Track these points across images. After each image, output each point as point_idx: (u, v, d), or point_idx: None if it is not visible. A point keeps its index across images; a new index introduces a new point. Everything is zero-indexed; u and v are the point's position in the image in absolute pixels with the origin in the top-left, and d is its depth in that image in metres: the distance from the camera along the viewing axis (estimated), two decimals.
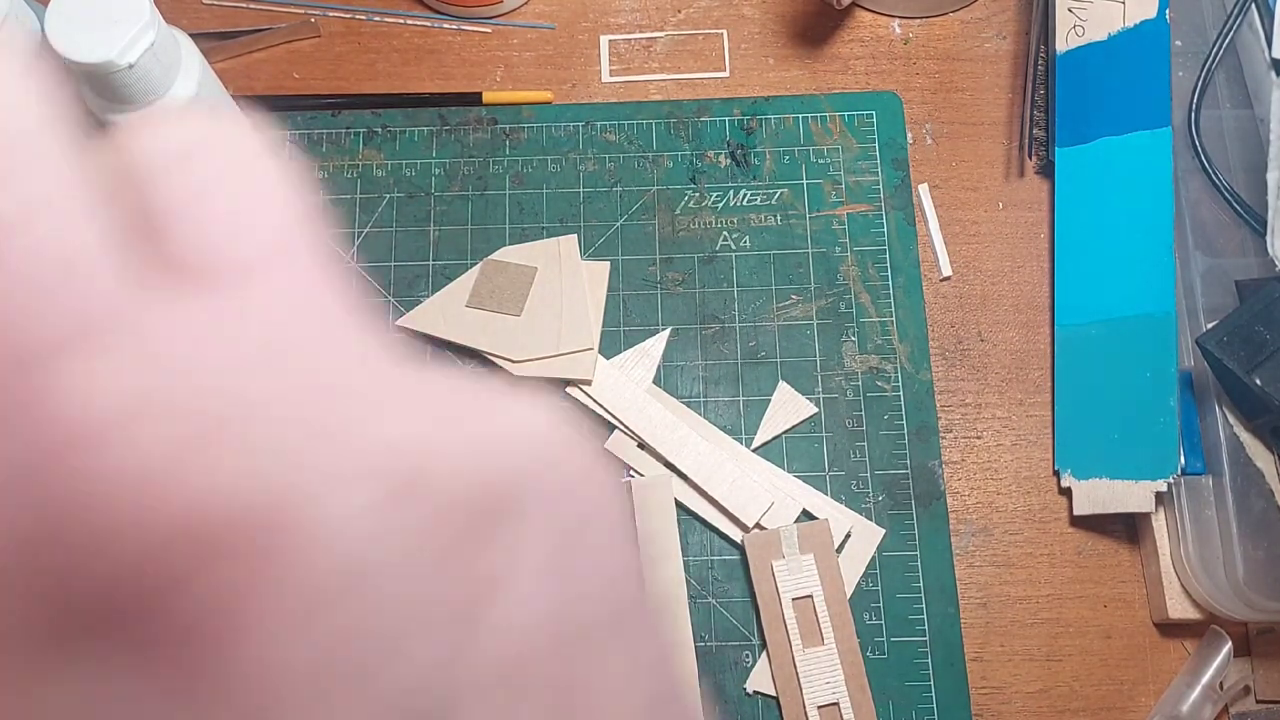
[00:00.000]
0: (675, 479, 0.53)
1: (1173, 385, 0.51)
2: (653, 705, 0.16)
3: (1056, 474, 0.54)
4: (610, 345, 0.56)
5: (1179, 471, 0.50)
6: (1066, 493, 0.54)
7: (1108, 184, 0.55)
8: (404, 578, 0.13)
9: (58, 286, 0.13)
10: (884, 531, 0.53)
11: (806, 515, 0.53)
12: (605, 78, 0.61)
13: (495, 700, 0.14)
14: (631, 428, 0.53)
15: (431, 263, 0.57)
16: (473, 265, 0.57)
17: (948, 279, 0.57)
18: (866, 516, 0.53)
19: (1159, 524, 0.52)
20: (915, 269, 0.57)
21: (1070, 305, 0.55)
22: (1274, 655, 0.51)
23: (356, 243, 0.57)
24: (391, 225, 0.58)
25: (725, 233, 0.58)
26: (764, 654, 0.51)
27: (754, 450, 0.54)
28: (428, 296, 0.56)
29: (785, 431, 0.54)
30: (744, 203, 0.58)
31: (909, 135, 0.60)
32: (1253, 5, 0.55)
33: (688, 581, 0.52)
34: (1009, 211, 0.59)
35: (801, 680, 0.49)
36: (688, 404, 0.55)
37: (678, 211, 0.58)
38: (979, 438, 0.55)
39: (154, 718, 0.13)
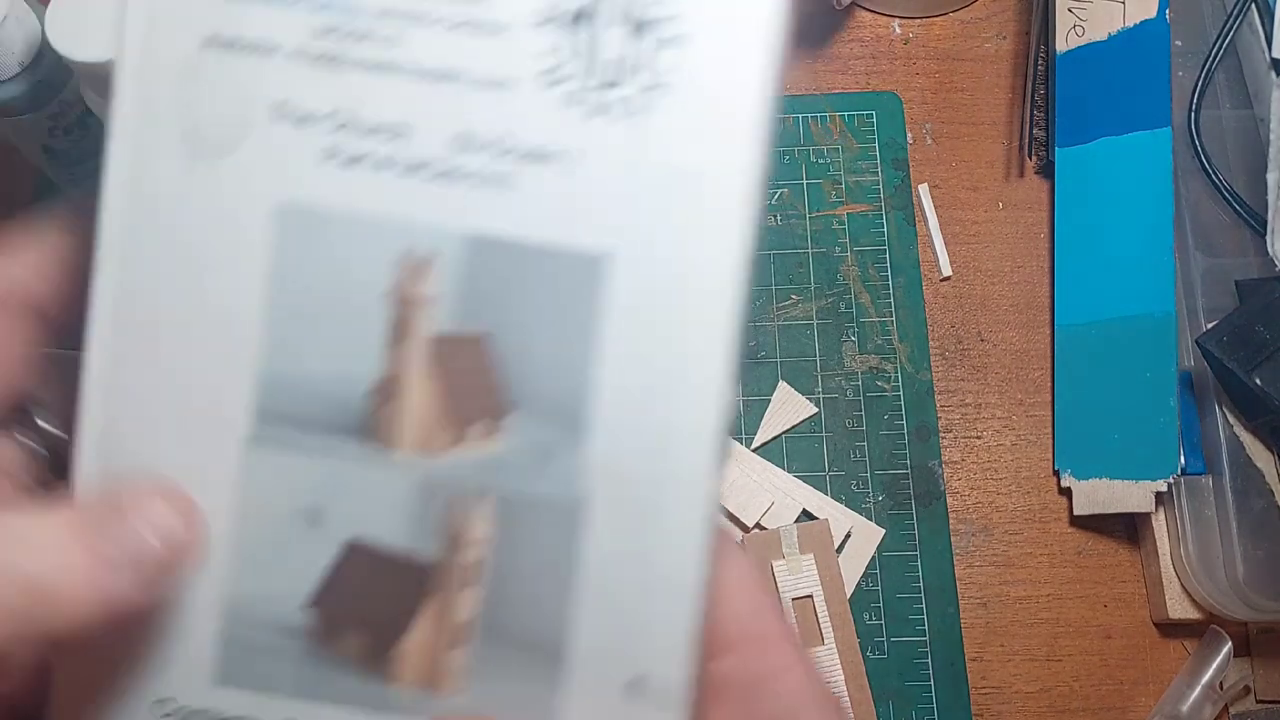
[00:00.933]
0: None
1: (1173, 385, 0.51)
2: None
3: (1056, 474, 0.54)
4: None
5: (1179, 471, 0.50)
6: (1066, 493, 0.53)
7: (1108, 184, 0.55)
8: None
9: None
10: (884, 531, 0.53)
11: (806, 515, 0.53)
12: None
13: None
14: None
15: None
16: None
17: (948, 279, 0.57)
18: (866, 516, 0.53)
19: (1159, 524, 0.52)
20: (915, 269, 0.57)
21: (1070, 305, 0.55)
22: (1274, 655, 0.51)
23: None
24: None
25: None
26: None
27: (754, 450, 0.54)
28: None
29: (785, 431, 0.54)
30: None
31: (909, 135, 0.60)
32: (1253, 5, 0.55)
33: None
34: (1009, 211, 0.59)
35: None
36: None
37: None
38: (979, 438, 0.55)
39: None
